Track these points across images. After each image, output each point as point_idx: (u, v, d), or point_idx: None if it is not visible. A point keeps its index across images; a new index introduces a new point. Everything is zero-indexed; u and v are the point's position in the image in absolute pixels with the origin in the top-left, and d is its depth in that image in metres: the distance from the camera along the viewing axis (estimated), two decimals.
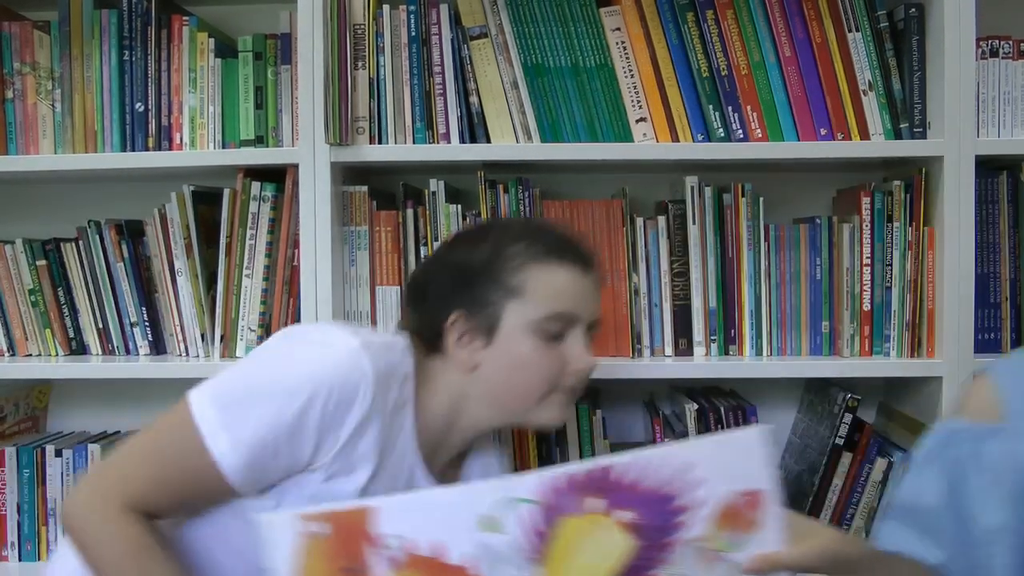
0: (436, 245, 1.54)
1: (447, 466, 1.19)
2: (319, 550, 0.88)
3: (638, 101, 1.52)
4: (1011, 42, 1.51)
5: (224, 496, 1.03)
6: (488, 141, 1.52)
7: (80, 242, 1.65)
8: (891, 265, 1.52)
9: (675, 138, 1.51)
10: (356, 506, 0.89)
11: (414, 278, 1.26)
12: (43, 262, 1.65)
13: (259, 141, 1.57)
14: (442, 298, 1.12)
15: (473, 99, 1.52)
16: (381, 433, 1.04)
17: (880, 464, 1.51)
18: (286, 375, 1.02)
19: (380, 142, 1.53)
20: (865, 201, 1.52)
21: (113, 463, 1.04)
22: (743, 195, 1.54)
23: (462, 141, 1.53)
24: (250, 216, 1.56)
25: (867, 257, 1.52)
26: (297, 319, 1.56)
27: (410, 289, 1.23)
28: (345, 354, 1.02)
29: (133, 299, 1.63)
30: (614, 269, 1.55)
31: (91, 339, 1.66)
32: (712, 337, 1.55)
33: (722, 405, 1.53)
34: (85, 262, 1.64)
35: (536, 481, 0.87)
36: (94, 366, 1.61)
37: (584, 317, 1.11)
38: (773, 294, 1.55)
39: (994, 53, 1.51)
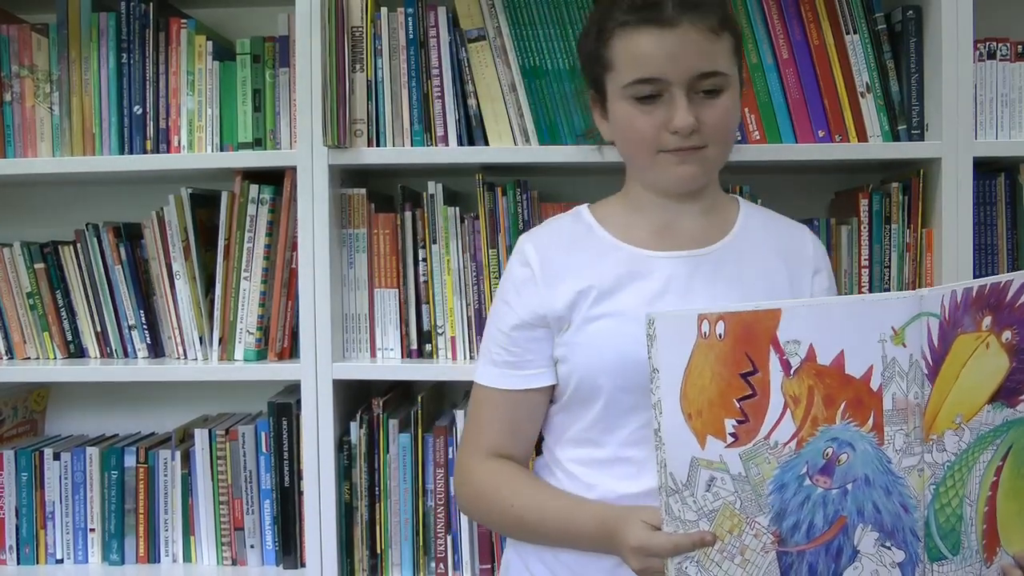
0: (436, 246, 1.55)
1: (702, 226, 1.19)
2: (713, 353, 0.84)
3: None
4: (1009, 44, 1.51)
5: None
6: (486, 143, 1.52)
7: (78, 245, 1.65)
8: (889, 267, 1.52)
9: None
10: (756, 307, 0.86)
11: None
12: (41, 265, 1.65)
13: (257, 144, 1.57)
14: (587, 85, 1.20)
15: (471, 101, 1.53)
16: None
17: None
18: None
19: (378, 145, 1.53)
20: (863, 203, 1.52)
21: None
22: (741, 197, 1.54)
23: (460, 144, 1.53)
24: (248, 219, 1.56)
25: (865, 259, 1.52)
26: (295, 322, 1.56)
27: None
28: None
29: (131, 302, 1.63)
30: None
31: (89, 342, 1.66)
32: None
33: None
34: (83, 265, 1.64)
35: (943, 295, 0.89)
36: (92, 369, 1.61)
37: (672, 77, 1.07)
38: None
39: (992, 55, 1.51)
